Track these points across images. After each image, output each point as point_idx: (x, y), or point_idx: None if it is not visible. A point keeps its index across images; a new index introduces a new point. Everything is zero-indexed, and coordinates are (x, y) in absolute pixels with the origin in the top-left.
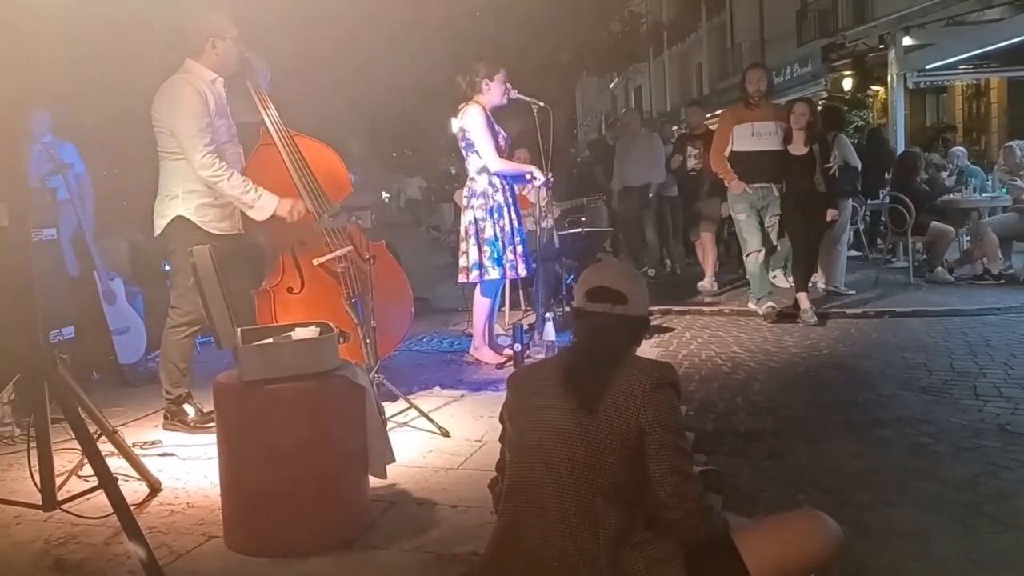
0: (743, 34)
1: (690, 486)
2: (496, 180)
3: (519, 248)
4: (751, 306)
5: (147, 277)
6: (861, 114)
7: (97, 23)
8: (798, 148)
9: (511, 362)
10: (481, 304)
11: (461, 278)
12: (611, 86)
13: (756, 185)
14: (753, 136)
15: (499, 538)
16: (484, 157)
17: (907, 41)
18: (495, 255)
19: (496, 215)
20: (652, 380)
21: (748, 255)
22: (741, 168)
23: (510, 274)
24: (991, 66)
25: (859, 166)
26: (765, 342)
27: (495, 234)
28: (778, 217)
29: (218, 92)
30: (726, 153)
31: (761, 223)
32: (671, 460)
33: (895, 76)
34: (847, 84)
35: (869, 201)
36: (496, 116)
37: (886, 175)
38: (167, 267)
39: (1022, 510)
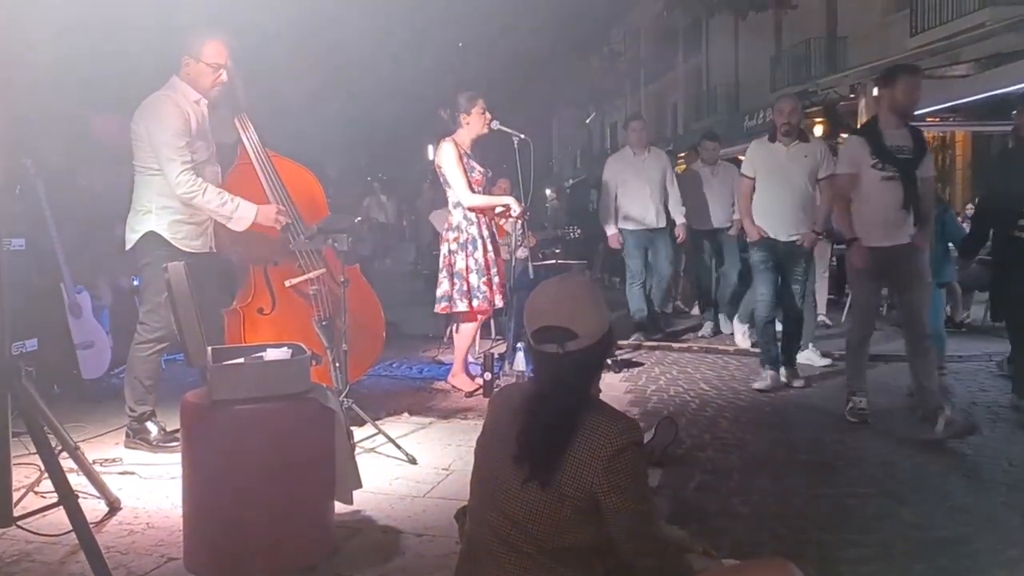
0: (718, 77)
1: (651, 546)
2: (471, 214)
3: (495, 280)
4: None
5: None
6: None
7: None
8: None
9: (481, 391)
10: (464, 331)
11: (436, 308)
12: (587, 121)
13: None
14: None
15: (461, 570)
16: (457, 193)
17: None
18: (463, 288)
19: (470, 247)
20: (610, 446)
21: None
22: None
23: (483, 307)
24: (957, 120)
25: None
26: (733, 380)
27: (467, 267)
28: None
29: (201, 113)
30: None
31: None
32: (630, 526)
33: None
34: (818, 131)
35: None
36: (478, 147)
37: None
38: (136, 282)
39: (984, 552)
